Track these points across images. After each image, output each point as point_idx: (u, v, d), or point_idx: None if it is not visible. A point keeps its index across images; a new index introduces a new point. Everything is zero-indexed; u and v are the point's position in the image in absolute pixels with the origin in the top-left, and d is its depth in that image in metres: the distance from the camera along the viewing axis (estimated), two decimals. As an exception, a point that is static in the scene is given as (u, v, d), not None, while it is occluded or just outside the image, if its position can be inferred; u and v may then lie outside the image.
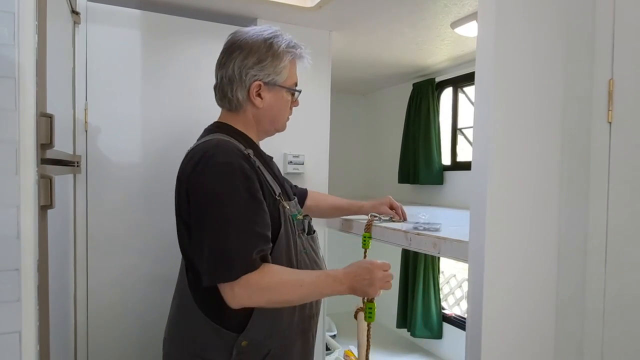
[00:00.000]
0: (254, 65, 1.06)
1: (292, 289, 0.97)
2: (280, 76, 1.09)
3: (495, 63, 0.98)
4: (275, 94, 1.11)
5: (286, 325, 1.07)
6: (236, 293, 0.92)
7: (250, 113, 1.11)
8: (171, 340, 1.11)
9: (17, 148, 0.67)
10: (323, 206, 1.53)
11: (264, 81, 1.08)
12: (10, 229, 0.67)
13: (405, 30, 1.96)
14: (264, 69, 1.07)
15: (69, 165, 1.28)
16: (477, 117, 1.02)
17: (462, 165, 2.62)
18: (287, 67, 1.10)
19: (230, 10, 1.77)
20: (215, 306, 1.01)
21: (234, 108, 1.11)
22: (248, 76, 1.06)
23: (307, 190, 1.51)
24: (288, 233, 1.07)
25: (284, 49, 1.08)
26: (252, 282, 0.93)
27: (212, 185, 0.95)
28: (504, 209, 1.01)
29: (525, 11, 1.01)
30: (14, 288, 0.67)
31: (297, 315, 1.09)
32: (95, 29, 1.56)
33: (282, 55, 1.08)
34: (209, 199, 0.95)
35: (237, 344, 1.00)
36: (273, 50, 1.07)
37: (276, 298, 0.96)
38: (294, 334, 1.09)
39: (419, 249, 1.29)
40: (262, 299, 0.95)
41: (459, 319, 2.72)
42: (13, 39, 0.67)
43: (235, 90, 1.08)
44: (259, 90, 1.08)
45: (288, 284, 0.97)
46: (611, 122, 0.99)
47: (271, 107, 1.12)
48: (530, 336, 1.07)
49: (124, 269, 1.63)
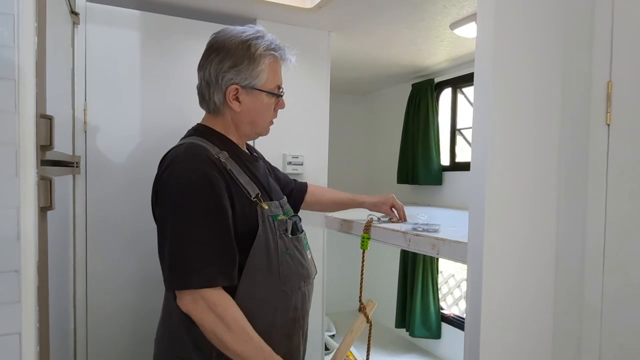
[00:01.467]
0: (229, 69, 1.04)
1: (238, 336, 0.94)
2: (258, 79, 1.07)
3: (494, 64, 0.98)
4: (254, 98, 1.09)
5: (266, 327, 1.03)
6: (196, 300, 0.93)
7: (229, 116, 1.10)
8: (159, 341, 1.11)
9: (17, 150, 0.67)
10: (323, 201, 1.51)
11: (241, 85, 1.06)
12: (10, 230, 0.67)
13: (405, 31, 1.96)
14: (240, 72, 1.05)
15: (68, 166, 1.28)
16: (476, 117, 1.02)
17: (460, 166, 2.62)
18: (265, 70, 1.07)
19: (229, 11, 1.77)
20: None
21: (212, 111, 1.11)
22: (224, 80, 1.05)
23: (307, 184, 1.50)
24: (267, 234, 1.05)
25: (262, 52, 1.06)
26: (209, 299, 0.92)
27: (176, 192, 0.96)
28: (503, 210, 1.01)
29: (524, 13, 1.02)
30: (14, 289, 0.67)
31: (279, 317, 1.07)
32: (94, 29, 1.56)
33: (260, 58, 1.05)
34: (172, 205, 0.97)
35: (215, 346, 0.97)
36: (250, 53, 1.04)
37: (220, 331, 0.93)
38: (276, 337, 1.06)
39: (417, 250, 1.29)
40: (209, 322, 0.93)
41: (457, 319, 2.72)
42: (13, 41, 0.67)
43: (213, 94, 1.07)
44: (236, 94, 1.07)
45: (239, 327, 0.94)
46: (609, 124, 1.00)
47: (249, 111, 1.09)
48: (529, 336, 1.07)
49: (123, 269, 1.63)
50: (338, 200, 1.52)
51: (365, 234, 1.47)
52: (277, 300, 1.06)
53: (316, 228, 1.90)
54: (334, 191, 1.55)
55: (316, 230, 1.90)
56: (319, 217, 1.88)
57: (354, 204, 1.53)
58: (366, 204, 1.52)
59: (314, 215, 1.72)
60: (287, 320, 1.09)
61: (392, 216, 1.53)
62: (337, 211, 1.61)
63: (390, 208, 1.52)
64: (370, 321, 1.34)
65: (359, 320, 1.33)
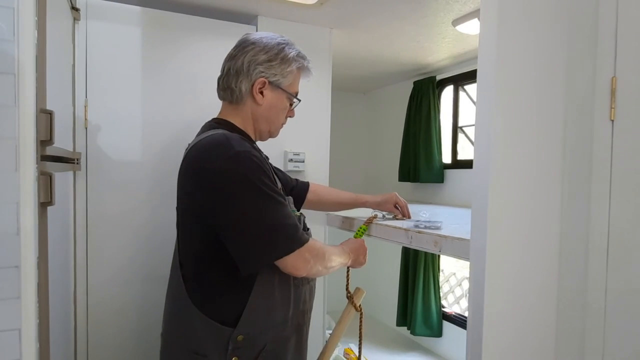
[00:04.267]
0: (263, 62, 1.10)
1: (334, 257, 1.13)
2: (285, 79, 1.13)
3: (498, 61, 0.97)
4: (277, 96, 1.14)
5: (281, 319, 1.08)
6: (307, 257, 1.01)
7: (249, 108, 1.13)
8: (168, 335, 1.11)
9: (17, 144, 0.67)
10: (325, 200, 1.52)
11: (269, 80, 1.11)
12: (10, 225, 0.66)
13: (407, 28, 1.95)
14: (272, 68, 1.11)
15: (68, 162, 1.28)
16: (479, 115, 1.02)
17: (462, 164, 2.61)
18: (293, 73, 1.14)
19: (230, 8, 1.76)
20: (209, 301, 1.02)
21: (234, 100, 1.13)
22: (255, 71, 1.10)
23: (309, 183, 1.50)
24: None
25: (294, 57, 1.13)
26: (312, 247, 1.04)
27: (242, 171, 0.96)
28: (506, 207, 1.00)
29: (527, 8, 1.01)
30: (14, 285, 0.67)
31: (292, 309, 1.10)
32: (95, 25, 1.56)
33: (291, 61, 1.13)
34: (244, 185, 0.96)
35: (232, 339, 1.00)
36: (284, 54, 1.12)
37: (327, 263, 1.09)
38: (289, 329, 1.11)
39: (420, 247, 1.28)
40: (322, 263, 1.07)
41: (458, 317, 2.72)
42: (13, 35, 0.67)
43: (240, 82, 1.10)
44: (262, 88, 1.11)
45: (329, 252, 1.12)
46: (614, 120, 0.99)
47: (270, 107, 1.14)
48: (531, 334, 1.07)
49: (123, 265, 1.63)
50: (341, 200, 1.54)
51: (365, 226, 1.48)
52: (291, 292, 1.10)
53: (318, 226, 1.89)
54: (337, 191, 1.56)
55: (318, 228, 1.90)
56: (320, 215, 1.88)
57: (357, 203, 1.54)
58: (369, 203, 1.54)
59: (315, 213, 1.72)
60: (298, 312, 1.12)
61: (396, 213, 1.54)
62: (340, 211, 1.62)
63: (393, 206, 1.53)
64: (360, 310, 1.34)
65: (347, 310, 1.32)
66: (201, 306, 1.02)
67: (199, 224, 1.02)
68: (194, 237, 1.05)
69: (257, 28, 1.82)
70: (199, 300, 1.03)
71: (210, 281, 1.03)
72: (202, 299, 1.03)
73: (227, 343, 1.00)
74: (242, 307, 1.01)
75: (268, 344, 1.05)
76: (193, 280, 1.05)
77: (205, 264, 1.04)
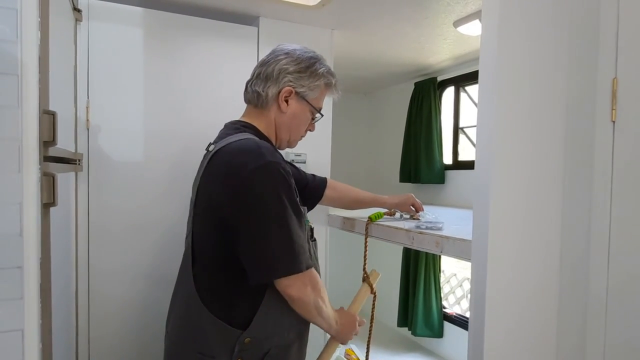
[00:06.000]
0: (293, 72, 1.14)
1: (327, 308, 1.10)
2: (311, 92, 1.16)
3: (499, 62, 0.97)
4: (301, 107, 1.17)
5: (287, 326, 1.09)
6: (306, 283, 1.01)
7: (273, 114, 1.16)
8: (174, 335, 1.11)
9: (20, 145, 0.67)
10: (345, 197, 1.56)
11: (296, 90, 1.14)
12: (13, 226, 0.66)
13: (408, 29, 1.95)
14: (301, 79, 1.14)
15: (71, 163, 1.28)
16: (480, 115, 1.02)
17: (463, 165, 2.61)
18: (320, 88, 1.18)
19: (232, 9, 1.76)
20: (220, 302, 1.02)
21: (260, 104, 1.15)
22: (285, 80, 1.13)
23: (327, 179, 1.52)
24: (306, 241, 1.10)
25: (323, 72, 1.17)
26: (314, 277, 1.04)
27: (271, 183, 0.98)
28: (507, 208, 1.00)
29: (529, 9, 1.01)
30: (17, 286, 0.67)
31: (297, 316, 1.10)
32: (97, 26, 1.56)
33: (320, 76, 1.17)
34: (270, 196, 0.97)
35: (239, 341, 1.01)
36: (314, 68, 1.16)
37: (320, 303, 1.06)
38: (292, 335, 1.11)
39: (421, 248, 1.28)
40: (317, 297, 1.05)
41: (459, 318, 2.71)
42: (15, 36, 0.67)
43: (268, 87, 1.14)
44: (288, 97, 1.14)
45: (326, 300, 1.10)
46: (615, 121, 0.99)
47: (293, 116, 1.17)
48: (533, 334, 1.07)
49: (125, 266, 1.63)
50: (361, 198, 1.58)
51: (382, 214, 1.55)
52: None
53: (319, 226, 1.89)
54: (356, 189, 1.60)
55: (319, 228, 1.90)
56: (321, 215, 1.88)
57: (376, 203, 1.59)
58: (388, 204, 1.59)
59: (316, 214, 1.72)
60: (302, 320, 1.12)
61: (412, 214, 1.59)
62: (356, 209, 1.66)
63: (410, 207, 1.58)
64: (375, 292, 1.34)
65: (363, 289, 1.32)
66: (211, 306, 1.02)
67: (219, 225, 1.01)
68: (211, 237, 1.04)
69: (259, 29, 1.82)
70: (210, 300, 1.02)
71: (223, 282, 1.03)
72: (212, 300, 1.03)
73: (234, 345, 1.01)
74: (253, 311, 1.02)
75: (272, 348, 1.06)
76: (205, 281, 1.04)
77: (220, 265, 1.04)
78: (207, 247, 1.06)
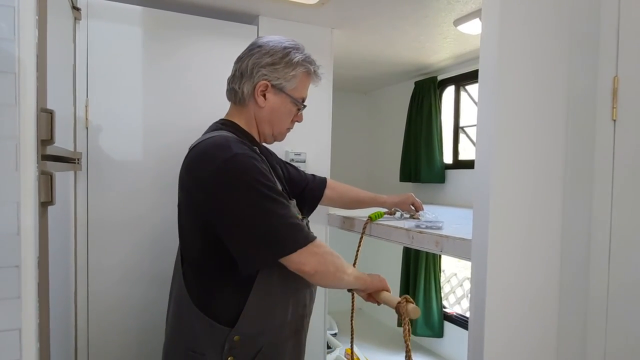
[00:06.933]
0: (266, 65, 1.10)
1: (347, 266, 1.08)
2: (289, 83, 1.13)
3: (499, 61, 0.97)
4: (279, 99, 1.14)
5: (279, 322, 1.08)
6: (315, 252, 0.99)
7: (252, 110, 1.15)
8: (168, 332, 1.12)
9: (18, 144, 0.67)
10: (346, 197, 1.55)
11: (272, 83, 1.12)
12: (11, 225, 0.66)
13: (408, 28, 1.95)
14: (275, 71, 1.11)
15: (69, 162, 1.28)
16: (481, 114, 1.01)
17: (463, 164, 2.61)
18: (297, 77, 1.14)
19: (231, 7, 1.76)
20: (207, 299, 1.03)
21: (238, 101, 1.15)
22: (258, 74, 1.11)
23: (327, 179, 1.52)
24: None
25: (299, 61, 1.13)
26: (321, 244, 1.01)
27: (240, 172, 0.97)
28: (507, 207, 1.00)
29: (529, 8, 1.01)
30: (14, 285, 0.66)
31: (290, 313, 1.09)
32: (96, 25, 1.55)
33: (296, 65, 1.12)
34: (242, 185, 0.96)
35: (229, 339, 1.00)
36: (289, 58, 1.12)
37: (339, 263, 1.04)
38: (287, 332, 1.10)
39: (421, 247, 1.28)
40: (332, 261, 1.02)
41: (460, 318, 2.71)
42: (13, 34, 0.67)
43: (243, 84, 1.12)
44: (264, 91, 1.12)
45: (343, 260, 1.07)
46: (616, 119, 0.98)
47: (272, 110, 1.15)
48: (533, 334, 1.06)
49: (124, 265, 1.63)
50: (361, 198, 1.57)
51: (382, 213, 1.55)
52: (291, 296, 1.10)
53: (318, 226, 1.89)
54: (356, 189, 1.59)
55: (318, 227, 1.89)
56: (321, 215, 1.88)
57: (376, 203, 1.58)
58: (387, 203, 1.58)
59: (316, 213, 1.71)
60: (297, 317, 1.12)
61: (412, 213, 1.58)
62: (356, 209, 1.65)
63: (410, 206, 1.58)
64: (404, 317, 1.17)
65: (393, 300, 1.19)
66: (199, 304, 1.02)
67: (199, 223, 1.02)
68: (194, 235, 1.05)
69: (258, 28, 1.82)
70: (198, 298, 1.03)
71: (210, 280, 1.04)
72: (200, 297, 1.03)
73: (224, 343, 1.00)
74: (240, 308, 1.01)
75: (265, 346, 1.05)
76: (193, 278, 1.05)
77: (205, 263, 1.04)
78: (191, 245, 1.07)
